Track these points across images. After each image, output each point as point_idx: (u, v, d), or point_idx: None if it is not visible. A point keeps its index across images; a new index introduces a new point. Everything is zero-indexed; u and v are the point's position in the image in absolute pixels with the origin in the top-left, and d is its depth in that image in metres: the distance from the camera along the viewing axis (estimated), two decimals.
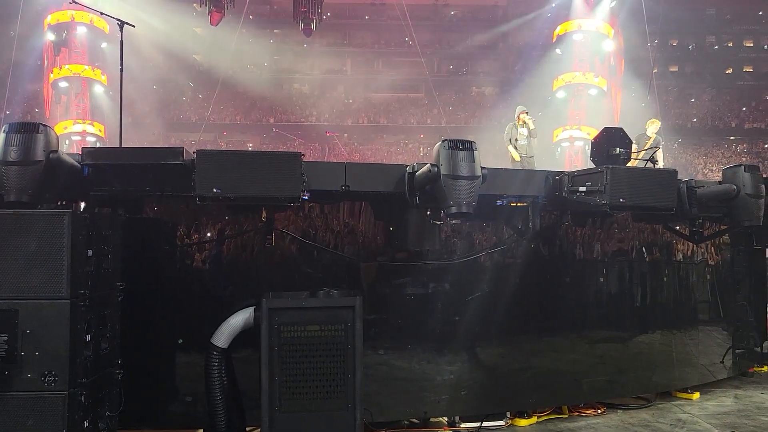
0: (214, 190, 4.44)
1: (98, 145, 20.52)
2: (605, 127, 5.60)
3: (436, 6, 37.53)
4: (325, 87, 35.87)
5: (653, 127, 11.40)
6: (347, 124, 33.81)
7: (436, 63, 35.51)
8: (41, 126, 4.13)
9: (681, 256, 6.74)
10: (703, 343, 6.83)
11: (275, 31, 33.68)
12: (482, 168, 4.75)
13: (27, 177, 4.02)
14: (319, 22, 20.42)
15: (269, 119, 32.66)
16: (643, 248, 6.49)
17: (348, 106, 35.37)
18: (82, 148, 4.71)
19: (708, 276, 6.96)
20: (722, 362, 6.90)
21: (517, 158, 11.44)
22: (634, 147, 10.42)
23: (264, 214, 5.20)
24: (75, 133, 19.97)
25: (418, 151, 29.73)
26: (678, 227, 6.59)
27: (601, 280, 6.26)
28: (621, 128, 5.53)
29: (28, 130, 4.09)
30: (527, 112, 11.63)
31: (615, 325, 6.28)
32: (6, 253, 3.59)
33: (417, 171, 4.96)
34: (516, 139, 11.51)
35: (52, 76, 20.52)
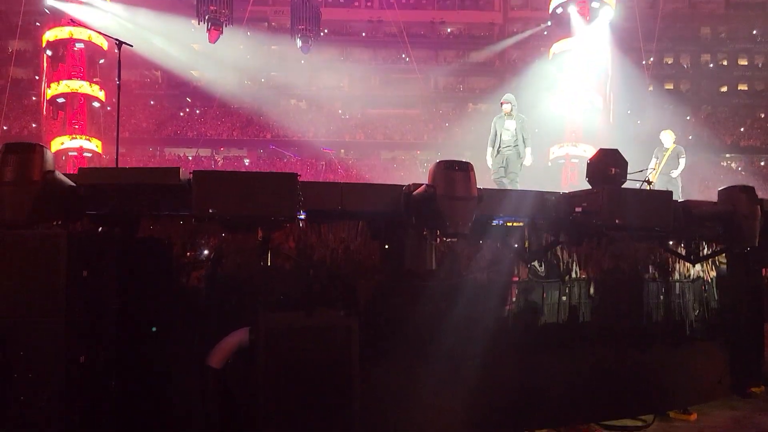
0: (211, 210, 4.44)
1: (91, 158, 20.49)
2: (601, 148, 5.63)
3: (432, 23, 37.87)
4: (322, 103, 36.01)
5: (669, 137, 11.18)
6: (344, 140, 33.91)
7: (433, 80, 35.73)
8: (38, 146, 4.13)
9: (678, 274, 6.74)
10: (701, 362, 6.81)
11: (273, 47, 33.84)
12: (478, 189, 4.77)
13: (23, 197, 4.01)
14: (316, 39, 20.54)
15: (266, 135, 32.74)
16: (640, 267, 6.50)
17: (345, 122, 35.49)
18: (79, 168, 4.71)
19: (705, 295, 6.96)
20: (720, 382, 6.88)
21: (490, 165, 10.49)
22: (651, 166, 10.55)
23: (260, 233, 5.19)
24: (71, 149, 19.94)
25: (415, 167, 29.78)
26: (674, 247, 6.60)
27: (597, 299, 6.25)
28: (616, 149, 5.55)
29: (25, 150, 4.08)
30: (509, 102, 10.37)
31: (611, 345, 6.26)
32: (1, 273, 3.57)
33: (414, 191, 4.97)
34: (500, 135, 10.37)
35: (49, 91, 20.53)
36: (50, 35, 20.36)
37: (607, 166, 5.40)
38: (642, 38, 24.71)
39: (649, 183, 6.62)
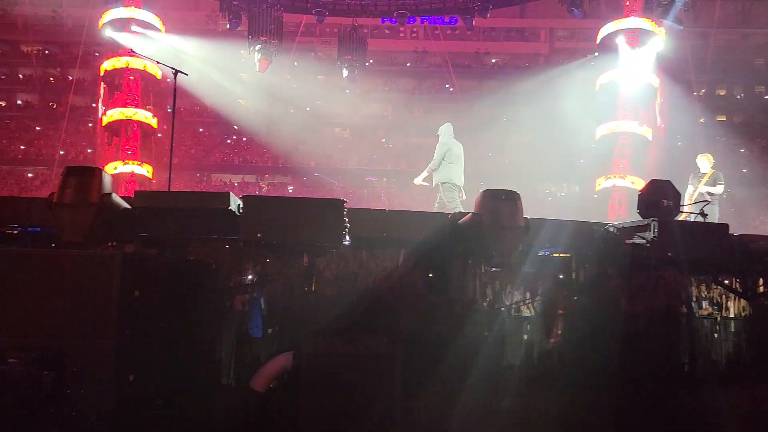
0: (258, 234, 4.51)
1: (142, 183, 21.10)
2: (652, 180, 5.52)
3: (477, 54, 38.01)
4: (365, 131, 36.34)
5: (706, 162, 10.33)
6: (387, 169, 34.09)
7: (477, 110, 35.77)
8: (97, 169, 4.29)
9: (733, 311, 6.50)
10: (759, 404, 6.50)
11: (318, 76, 34.48)
12: (525, 218, 4.73)
13: (81, 218, 4.15)
14: (361, 69, 20.86)
15: (310, 163, 33.17)
16: (692, 303, 6.29)
17: (388, 150, 35.72)
18: (135, 191, 4.86)
19: (764, 333, 6.67)
20: None
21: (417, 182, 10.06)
22: (688, 199, 10.09)
23: (305, 258, 5.24)
24: (124, 174, 20.57)
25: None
26: (728, 282, 6.37)
27: (648, 335, 6.06)
28: (669, 180, 5.44)
29: (84, 173, 4.24)
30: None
31: (661, 383, 6.04)
32: (58, 292, 3.68)
33: (459, 219, 4.96)
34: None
35: (105, 118, 21.29)
36: (108, 64, 21.20)
37: (659, 197, 5.28)
38: (693, 69, 24.31)
39: (704, 216, 6.42)
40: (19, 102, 35.58)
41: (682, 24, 19.66)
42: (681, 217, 6.41)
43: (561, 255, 5.63)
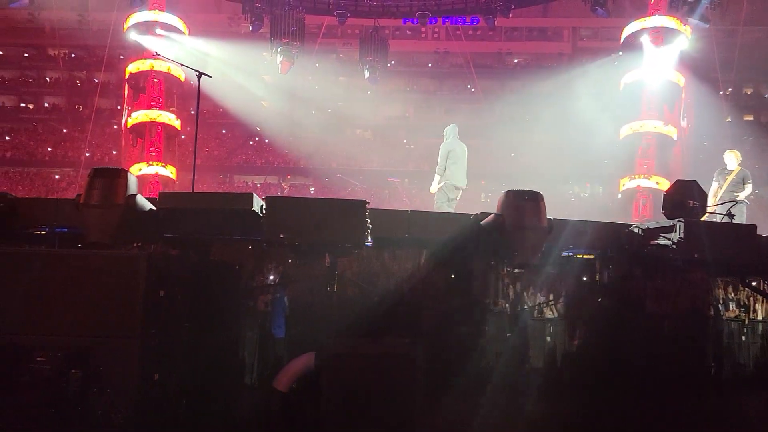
0: (281, 235, 4.53)
1: (165, 184, 21.36)
2: (678, 180, 5.44)
3: (499, 54, 37.82)
4: (387, 132, 36.35)
5: (733, 158, 9.97)
6: (408, 170, 34.07)
7: (499, 110, 35.59)
8: (123, 171, 4.35)
9: (761, 313, 6.38)
10: None
11: (340, 78, 34.57)
12: (548, 218, 4.69)
13: (107, 219, 4.21)
14: (383, 70, 20.87)
15: (332, 164, 33.26)
16: (719, 305, 6.19)
17: (410, 151, 35.69)
18: (159, 192, 4.92)
19: None
20: None
21: (433, 190, 9.76)
22: (710, 200, 9.85)
23: (327, 259, 5.25)
24: (149, 175, 20.83)
25: (479, 197, 29.58)
26: (756, 284, 6.26)
27: (673, 337, 5.97)
28: (695, 180, 5.35)
29: (111, 174, 4.30)
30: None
31: (687, 386, 5.95)
32: (84, 292, 3.74)
33: (481, 220, 4.94)
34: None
35: (129, 120, 21.59)
36: (133, 67, 21.49)
37: (684, 198, 5.21)
38: (719, 68, 23.89)
39: (731, 216, 6.31)
40: (46, 105, 36.26)
41: (708, 22, 19.34)
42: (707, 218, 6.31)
43: (585, 256, 5.57)
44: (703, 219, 5.51)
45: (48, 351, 3.65)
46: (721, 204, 6.63)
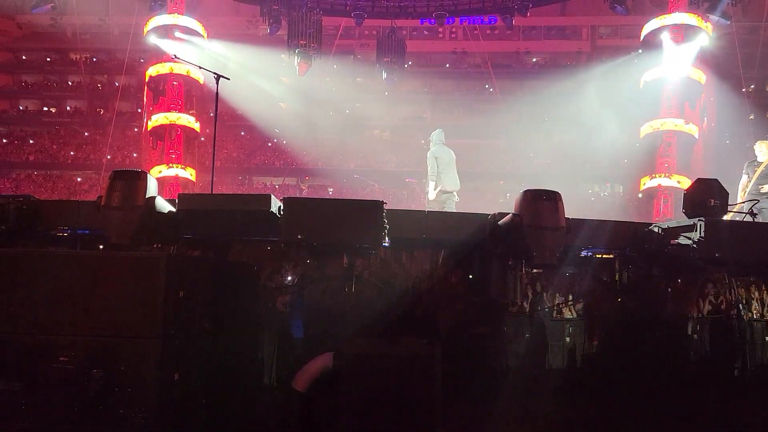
0: (299, 236, 4.55)
1: (185, 186, 21.58)
2: (699, 178, 5.37)
3: (517, 53, 37.62)
4: (404, 133, 36.33)
5: (764, 149, 9.29)
6: (426, 170, 34.02)
7: (517, 110, 35.41)
8: (143, 173, 4.40)
9: None
10: None
11: (357, 79, 34.62)
12: (566, 218, 4.66)
13: (128, 221, 4.27)
14: (400, 70, 20.88)
15: (350, 165, 33.33)
16: (741, 305, 6.10)
17: (427, 152, 35.66)
18: (178, 194, 4.97)
19: None
20: None
21: (432, 197, 9.59)
22: (738, 198, 9.54)
23: (345, 259, 5.27)
24: (168, 177, 21.06)
25: (497, 198, 29.45)
26: None
27: (695, 338, 5.90)
28: (716, 179, 5.28)
29: (131, 177, 4.36)
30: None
31: (709, 387, 5.87)
32: (106, 293, 3.79)
33: (499, 220, 4.92)
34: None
35: (149, 123, 21.85)
36: (152, 71, 21.75)
37: (705, 197, 5.14)
38: (741, 65, 23.53)
39: (754, 215, 6.21)
40: (68, 108, 36.78)
41: (730, 18, 19.07)
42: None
43: (604, 256, 5.53)
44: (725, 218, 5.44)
45: (71, 351, 3.70)
46: (744, 203, 6.53)
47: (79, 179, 33.35)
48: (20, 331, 3.76)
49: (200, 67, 9.06)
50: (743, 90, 24.82)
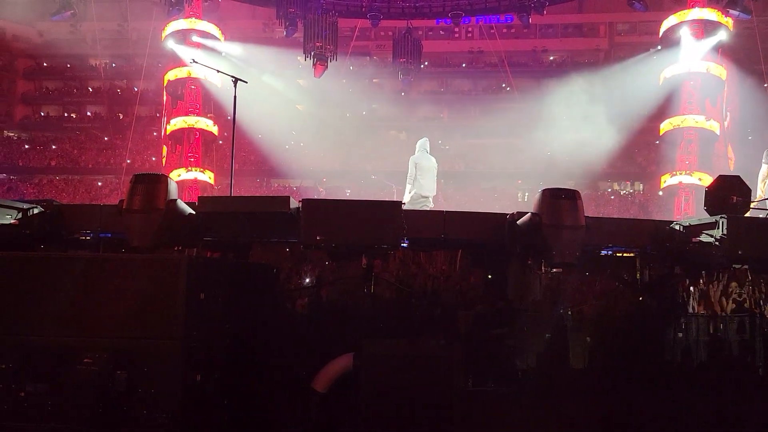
0: (318, 237, 4.57)
1: (204, 189, 21.78)
2: (720, 175, 5.31)
3: (534, 52, 37.42)
4: (421, 134, 36.32)
5: None
6: (443, 170, 33.94)
7: (535, 108, 35.20)
8: (163, 176, 4.45)
9: None
10: None
11: (374, 80, 34.69)
12: (586, 217, 4.62)
13: (149, 224, 4.31)
14: (417, 71, 20.86)
15: (367, 166, 33.38)
16: (765, 304, 6.00)
17: (445, 152, 35.56)
18: (198, 197, 5.02)
19: None
20: None
21: (407, 200, 10.10)
22: (761, 174, 9.28)
23: (364, 260, 5.28)
24: (188, 180, 21.27)
25: (515, 197, 29.33)
26: None
27: (718, 337, 5.82)
28: (738, 176, 5.21)
29: (152, 180, 4.40)
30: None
31: (733, 387, 5.79)
32: (128, 295, 3.83)
33: (518, 220, 4.89)
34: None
35: (168, 127, 22.08)
36: (171, 75, 21.99)
37: (727, 193, 5.07)
38: (763, 60, 23.20)
39: None
40: (88, 114, 37.30)
41: (750, 13, 18.79)
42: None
43: (624, 254, 5.48)
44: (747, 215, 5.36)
45: (95, 353, 3.75)
46: (766, 199, 6.44)
47: (99, 183, 33.80)
48: (45, 334, 3.82)
49: (218, 71, 9.15)
50: (766, 85, 24.45)
